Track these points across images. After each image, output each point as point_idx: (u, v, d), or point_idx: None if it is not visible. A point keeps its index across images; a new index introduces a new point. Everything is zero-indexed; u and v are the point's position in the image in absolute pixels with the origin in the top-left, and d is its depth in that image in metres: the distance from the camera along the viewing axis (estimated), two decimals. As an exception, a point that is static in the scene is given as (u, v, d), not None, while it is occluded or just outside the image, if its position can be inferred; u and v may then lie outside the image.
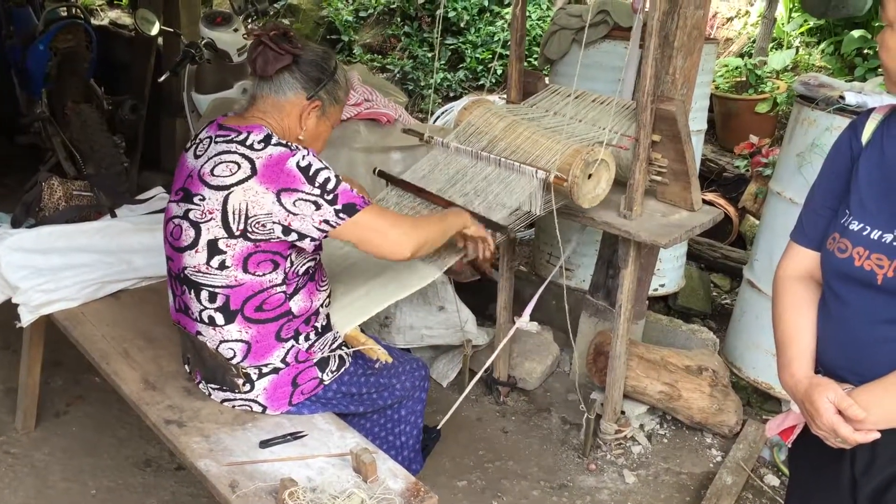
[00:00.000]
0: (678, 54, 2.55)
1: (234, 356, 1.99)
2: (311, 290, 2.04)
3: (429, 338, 3.25)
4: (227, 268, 1.90)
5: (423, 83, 6.87)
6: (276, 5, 4.47)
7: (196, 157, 1.96)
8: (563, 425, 3.10)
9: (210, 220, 1.88)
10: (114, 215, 3.02)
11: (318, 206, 1.85)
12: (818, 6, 4.52)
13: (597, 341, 3.03)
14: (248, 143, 1.88)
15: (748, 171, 4.66)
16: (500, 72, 6.69)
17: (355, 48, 7.53)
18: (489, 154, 2.43)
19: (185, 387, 2.18)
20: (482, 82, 6.76)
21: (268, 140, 1.88)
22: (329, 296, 2.15)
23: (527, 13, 2.75)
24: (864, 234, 1.40)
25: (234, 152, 1.88)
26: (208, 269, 1.91)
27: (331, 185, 1.86)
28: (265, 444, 1.94)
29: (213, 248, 1.89)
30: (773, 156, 4.21)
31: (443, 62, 7.05)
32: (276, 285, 1.95)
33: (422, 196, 2.45)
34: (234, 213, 1.85)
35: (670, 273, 3.72)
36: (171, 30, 4.53)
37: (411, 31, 7.45)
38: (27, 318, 2.52)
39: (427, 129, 2.75)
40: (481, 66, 6.93)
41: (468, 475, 2.81)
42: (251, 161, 1.85)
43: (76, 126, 4.39)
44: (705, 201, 2.66)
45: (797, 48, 5.95)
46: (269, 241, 1.89)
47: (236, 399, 2.05)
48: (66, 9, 5.17)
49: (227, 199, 1.85)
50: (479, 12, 7.28)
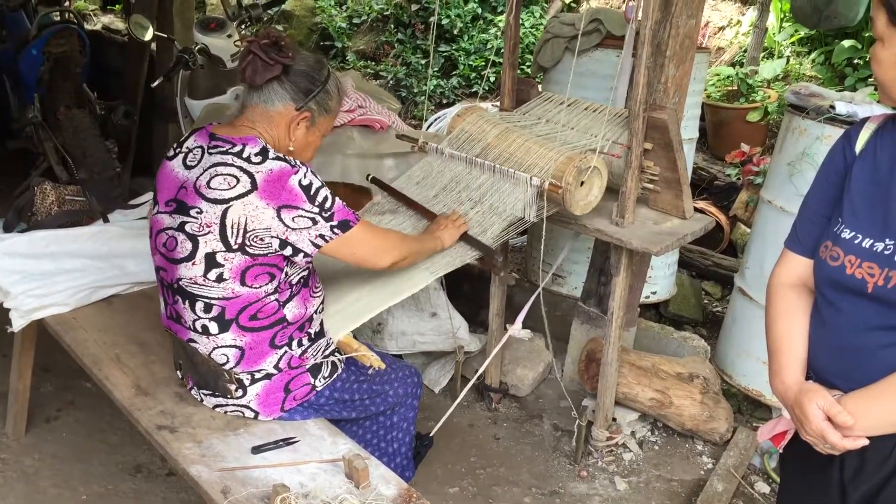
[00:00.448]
0: (670, 63, 2.57)
1: (227, 362, 1.99)
2: (304, 296, 2.04)
3: (421, 344, 3.25)
4: (225, 280, 1.90)
5: (416, 90, 6.89)
6: (269, 11, 4.47)
7: (188, 167, 1.95)
8: (554, 432, 3.10)
9: (208, 233, 1.87)
10: (106, 220, 3.01)
11: (315, 223, 1.88)
12: (810, 17, 4.56)
13: (589, 348, 3.04)
14: (245, 155, 1.87)
15: (739, 179, 4.68)
16: (493, 79, 6.71)
17: (349, 54, 7.54)
18: (483, 161, 2.44)
19: (176, 392, 2.18)
20: (475, 89, 6.78)
21: (265, 153, 1.88)
22: (323, 302, 2.15)
23: (520, 21, 2.76)
24: (856, 242, 1.41)
25: (231, 165, 1.87)
26: (205, 280, 1.91)
27: (328, 204, 1.90)
28: (257, 449, 1.94)
29: (211, 260, 1.89)
30: (764, 164, 4.24)
31: (436, 69, 7.07)
32: (270, 294, 1.95)
33: (412, 208, 2.48)
34: (232, 227, 1.85)
35: (662, 280, 3.74)
36: (165, 35, 4.53)
37: (405, 38, 7.47)
38: (18, 323, 2.51)
39: (421, 135, 2.76)
40: (474, 74, 6.96)
41: (460, 481, 2.81)
42: (251, 175, 1.85)
43: (68, 131, 4.38)
44: (697, 209, 2.67)
45: (788, 58, 5.99)
46: (267, 255, 1.89)
47: (228, 405, 2.05)
48: (59, 14, 5.17)
49: (225, 212, 1.85)
50: (472, 20, 7.31)
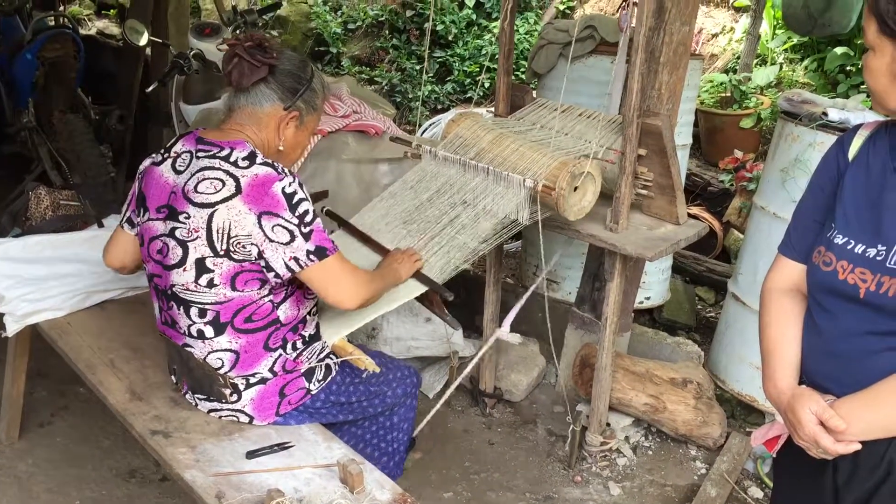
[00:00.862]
0: (664, 70, 2.58)
1: (222, 366, 1.99)
2: (298, 298, 2.04)
3: (416, 349, 3.25)
4: (216, 286, 1.90)
5: (410, 95, 6.90)
6: (264, 17, 4.47)
7: (177, 172, 1.93)
8: (548, 437, 3.11)
9: (196, 238, 1.86)
10: (101, 225, 3.01)
11: (292, 238, 1.84)
12: (804, 25, 4.60)
13: (583, 353, 3.05)
14: (233, 159, 1.87)
15: (733, 185, 4.71)
16: (487, 85, 6.73)
17: (343, 60, 7.56)
18: (477, 163, 2.45)
19: (171, 397, 2.18)
20: (470, 95, 6.80)
21: (252, 158, 1.87)
22: (316, 304, 2.15)
23: (514, 27, 2.77)
24: (849, 248, 1.42)
25: (218, 168, 1.86)
26: (197, 286, 1.91)
27: (308, 218, 1.87)
28: (252, 454, 1.94)
29: (202, 266, 1.88)
30: (758, 171, 4.27)
31: (431, 75, 7.08)
32: (265, 296, 1.95)
33: (367, 245, 2.44)
34: (217, 232, 1.84)
35: (656, 286, 3.75)
36: (160, 40, 4.53)
37: (399, 44, 7.49)
38: (12, 328, 2.51)
39: (415, 140, 2.77)
40: (469, 79, 6.98)
41: (454, 486, 2.81)
42: (236, 179, 1.84)
43: (63, 135, 4.37)
44: (690, 215, 2.68)
45: (781, 65, 6.02)
46: (251, 261, 1.88)
47: (223, 409, 2.05)
48: (53, 18, 5.16)
49: (211, 217, 1.84)
50: (467, 26, 7.33)
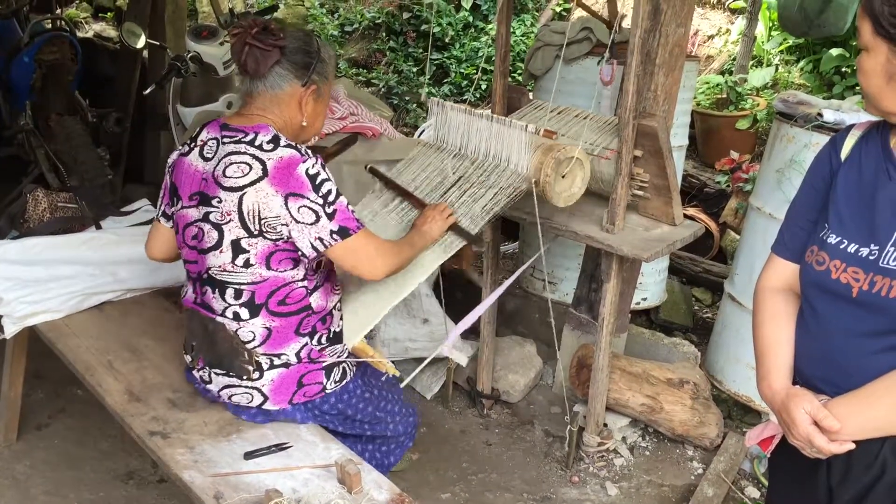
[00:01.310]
0: (660, 71, 2.59)
1: (253, 339, 2.00)
2: (327, 289, 2.08)
3: (413, 350, 3.26)
4: (252, 265, 1.94)
5: (407, 97, 6.91)
6: (262, 19, 4.48)
7: (206, 159, 1.97)
8: (546, 438, 3.11)
9: (229, 221, 1.91)
10: (98, 227, 3.01)
11: (317, 218, 1.89)
12: (799, 26, 4.61)
13: (580, 354, 3.06)
14: (258, 143, 1.91)
15: (729, 186, 4.72)
16: (484, 87, 6.75)
17: (341, 62, 7.56)
18: (480, 119, 2.45)
19: (169, 398, 2.18)
20: (466, 97, 6.80)
21: (276, 141, 1.91)
22: (340, 300, 2.18)
23: (511, 29, 2.78)
24: (842, 247, 1.43)
25: (244, 153, 1.90)
26: (234, 267, 1.94)
27: (332, 197, 1.91)
28: (250, 455, 1.95)
29: (237, 247, 1.92)
30: (753, 172, 4.28)
31: (428, 77, 7.09)
32: (298, 280, 1.98)
33: (407, 199, 2.47)
34: (248, 214, 1.89)
35: (652, 287, 3.76)
36: (157, 43, 4.53)
37: (396, 46, 7.49)
38: (10, 330, 2.51)
39: (412, 142, 2.77)
40: (466, 81, 6.99)
41: (451, 487, 2.81)
42: (262, 162, 1.88)
43: (60, 138, 4.38)
44: (687, 216, 2.69)
45: (777, 66, 6.04)
46: (284, 240, 1.92)
47: (238, 387, 2.04)
48: (50, 21, 5.16)
49: (241, 200, 1.88)
50: (463, 28, 7.34)
